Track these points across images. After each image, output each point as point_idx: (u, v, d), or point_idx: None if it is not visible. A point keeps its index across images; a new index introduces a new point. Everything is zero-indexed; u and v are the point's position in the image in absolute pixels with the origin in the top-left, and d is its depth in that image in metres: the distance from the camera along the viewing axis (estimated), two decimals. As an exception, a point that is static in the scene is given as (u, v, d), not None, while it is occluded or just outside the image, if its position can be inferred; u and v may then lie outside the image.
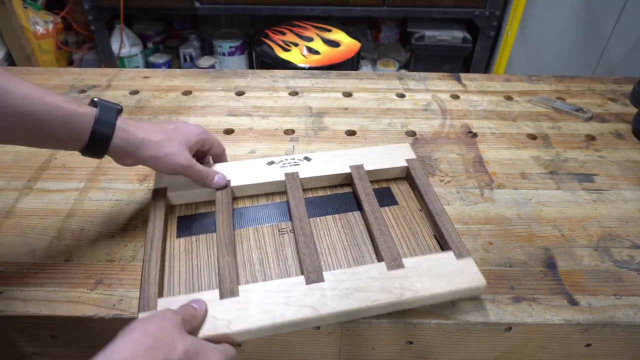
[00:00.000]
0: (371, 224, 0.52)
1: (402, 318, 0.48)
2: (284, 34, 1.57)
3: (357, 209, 0.57)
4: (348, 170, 0.58)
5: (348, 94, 0.86)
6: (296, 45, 1.50)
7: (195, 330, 0.42)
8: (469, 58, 1.95)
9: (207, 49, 2.10)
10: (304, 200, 0.54)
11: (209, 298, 0.44)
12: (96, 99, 0.48)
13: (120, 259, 0.53)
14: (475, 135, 0.76)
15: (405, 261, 0.47)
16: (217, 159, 0.60)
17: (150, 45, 2.05)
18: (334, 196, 0.59)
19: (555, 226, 0.59)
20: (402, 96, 0.86)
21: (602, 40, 1.71)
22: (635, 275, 0.53)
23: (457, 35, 1.87)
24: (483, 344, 0.51)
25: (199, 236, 0.53)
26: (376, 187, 0.60)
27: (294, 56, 1.44)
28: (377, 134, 0.75)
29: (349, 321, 0.47)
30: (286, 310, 0.43)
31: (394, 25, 2.09)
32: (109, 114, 0.47)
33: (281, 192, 0.58)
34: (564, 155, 0.72)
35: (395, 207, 0.58)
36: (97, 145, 0.47)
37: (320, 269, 0.46)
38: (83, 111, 0.46)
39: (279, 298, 0.44)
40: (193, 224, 0.55)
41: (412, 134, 0.75)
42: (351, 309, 0.43)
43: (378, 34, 2.11)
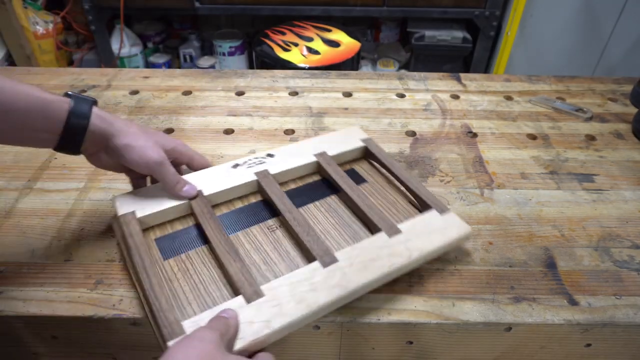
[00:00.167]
0: (355, 201, 0.54)
1: (402, 318, 0.48)
2: (284, 34, 1.57)
3: (332, 193, 0.58)
4: (314, 159, 0.60)
5: (348, 94, 0.86)
6: (296, 45, 1.50)
7: (232, 341, 0.39)
8: (469, 58, 1.95)
9: (207, 49, 2.10)
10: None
11: (235, 306, 0.42)
12: (69, 92, 0.47)
13: (120, 259, 0.53)
14: (475, 135, 0.76)
15: (400, 227, 0.51)
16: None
17: (150, 45, 2.06)
18: (306, 186, 0.60)
19: (555, 226, 0.59)
20: (402, 96, 0.86)
21: (602, 40, 1.71)
22: (635, 275, 0.53)
23: (457, 35, 1.87)
24: (483, 344, 0.51)
25: (189, 253, 0.50)
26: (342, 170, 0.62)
27: (294, 56, 1.44)
28: (377, 134, 0.75)
29: (349, 321, 0.48)
30: (317, 295, 0.44)
31: (394, 25, 2.09)
32: (83, 102, 0.46)
33: (254, 192, 0.58)
34: (564, 155, 0.72)
35: (365, 184, 0.60)
36: (74, 132, 0.45)
37: (330, 251, 0.48)
38: (57, 99, 0.45)
39: (304, 287, 0.44)
40: (175, 243, 0.51)
41: (412, 134, 0.75)
42: (374, 278, 0.46)
43: (378, 34, 2.12)
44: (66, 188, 0.63)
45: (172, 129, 0.75)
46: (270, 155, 0.60)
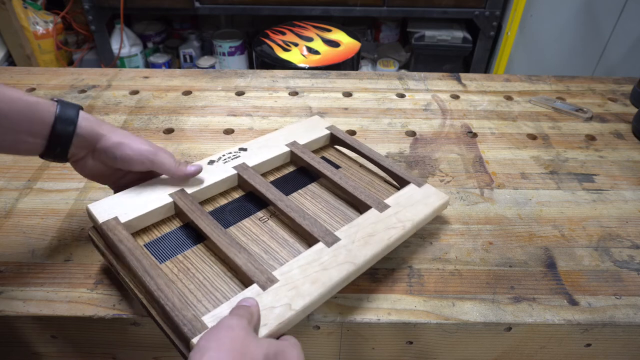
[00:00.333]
0: (340, 183, 0.56)
1: (402, 318, 0.48)
2: (284, 34, 1.57)
3: (311, 181, 0.60)
4: (287, 149, 0.61)
5: (348, 94, 0.86)
6: (296, 45, 1.50)
7: (257, 328, 0.38)
8: (469, 58, 1.95)
9: (207, 49, 2.10)
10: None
11: (251, 295, 0.42)
12: (54, 98, 0.47)
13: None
14: (475, 135, 0.76)
15: (387, 202, 0.53)
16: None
17: (150, 45, 2.06)
18: (284, 177, 0.60)
19: (555, 226, 0.59)
20: (402, 96, 0.86)
21: (602, 40, 1.71)
22: (635, 275, 0.53)
23: (457, 35, 1.87)
24: (483, 344, 0.51)
25: (185, 253, 0.49)
26: None
27: (294, 56, 1.44)
28: (377, 134, 0.75)
29: (349, 321, 0.48)
30: (329, 273, 0.45)
31: (394, 25, 2.09)
32: (69, 106, 0.46)
33: (234, 188, 0.58)
34: (564, 155, 0.72)
35: (339, 169, 0.62)
36: (60, 135, 0.45)
37: (331, 231, 0.49)
38: (44, 102, 0.45)
39: (315, 267, 0.45)
40: (167, 245, 0.49)
41: (412, 134, 0.75)
42: (377, 251, 0.48)
43: (378, 34, 2.12)
44: (66, 188, 0.63)
45: (172, 129, 0.75)
46: (243, 149, 0.60)
